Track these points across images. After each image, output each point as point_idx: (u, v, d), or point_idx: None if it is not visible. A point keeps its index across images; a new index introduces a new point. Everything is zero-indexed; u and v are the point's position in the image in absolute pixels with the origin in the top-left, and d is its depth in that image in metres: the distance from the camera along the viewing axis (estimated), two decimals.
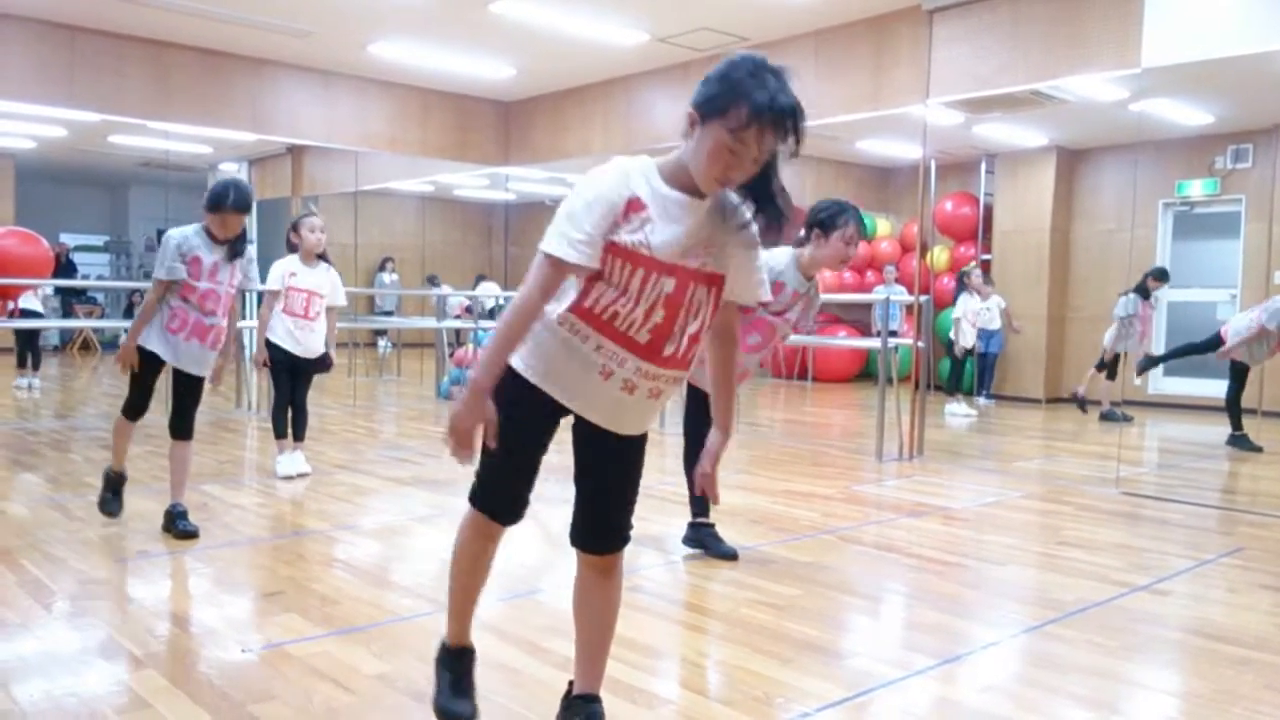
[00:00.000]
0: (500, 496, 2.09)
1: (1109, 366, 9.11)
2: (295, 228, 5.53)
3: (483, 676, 2.56)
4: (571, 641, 2.23)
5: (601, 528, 2.12)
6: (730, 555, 3.85)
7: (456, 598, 2.21)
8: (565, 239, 1.83)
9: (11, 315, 9.94)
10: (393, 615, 3.14)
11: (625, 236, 1.85)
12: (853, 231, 3.68)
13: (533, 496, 2.13)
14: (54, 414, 8.24)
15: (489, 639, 2.04)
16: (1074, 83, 6.61)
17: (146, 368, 4.02)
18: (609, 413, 1.99)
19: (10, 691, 2.47)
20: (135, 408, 4.09)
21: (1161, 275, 9.00)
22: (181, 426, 4.11)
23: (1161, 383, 10.03)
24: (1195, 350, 7.60)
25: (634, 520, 2.20)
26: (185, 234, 3.99)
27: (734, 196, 1.92)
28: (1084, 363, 10.53)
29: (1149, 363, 7.63)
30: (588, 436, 2.04)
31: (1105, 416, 9.10)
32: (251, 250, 4.22)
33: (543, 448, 2.06)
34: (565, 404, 1.98)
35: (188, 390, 4.11)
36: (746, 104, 1.77)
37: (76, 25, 7.51)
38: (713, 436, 2.11)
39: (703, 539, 3.92)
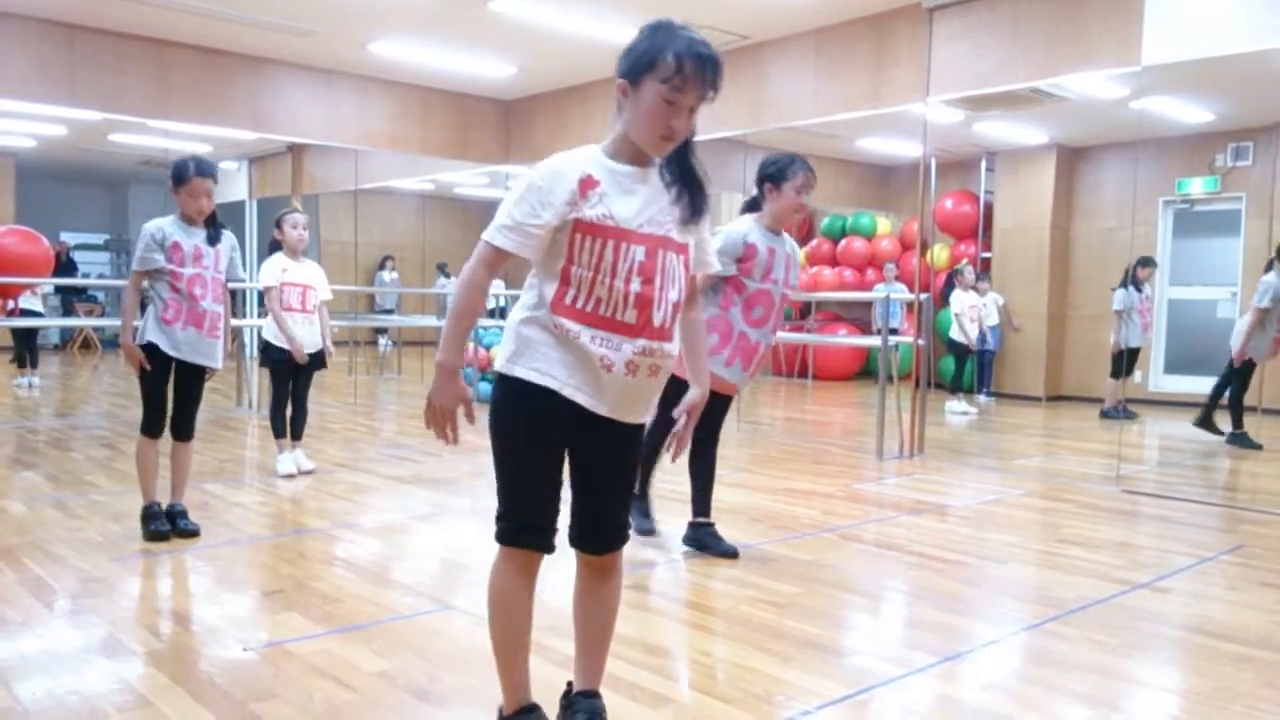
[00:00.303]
0: (531, 522, 2.02)
1: (1114, 364, 9.12)
2: (279, 224, 5.54)
3: (474, 669, 2.56)
4: (571, 640, 2.23)
5: (600, 527, 2.11)
6: (731, 553, 3.85)
7: (506, 653, 2.07)
8: (496, 226, 1.94)
9: (10, 314, 9.94)
10: (393, 613, 3.14)
11: (589, 212, 1.91)
12: (802, 179, 3.71)
13: None
14: (54, 412, 8.24)
15: (481, 635, 2.03)
16: (1074, 80, 6.60)
17: (156, 368, 3.98)
18: (617, 400, 1.98)
19: (12, 689, 2.47)
20: (152, 422, 4.02)
21: (1147, 262, 9.03)
22: (183, 427, 4.10)
23: (1162, 380, 10.04)
24: (1224, 382, 7.49)
25: (633, 516, 2.19)
26: (160, 224, 3.96)
27: (666, 174, 2.02)
28: (1084, 361, 10.54)
29: (1205, 423, 7.53)
30: (584, 436, 2.02)
31: (1106, 414, 9.10)
32: (233, 239, 4.17)
33: (562, 462, 2.04)
34: (577, 399, 1.95)
35: (189, 389, 4.09)
36: (670, 51, 1.89)
37: (77, 24, 7.51)
38: (692, 393, 2.21)
39: (702, 538, 3.92)
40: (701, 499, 3.97)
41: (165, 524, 4.02)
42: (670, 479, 4.85)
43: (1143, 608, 3.35)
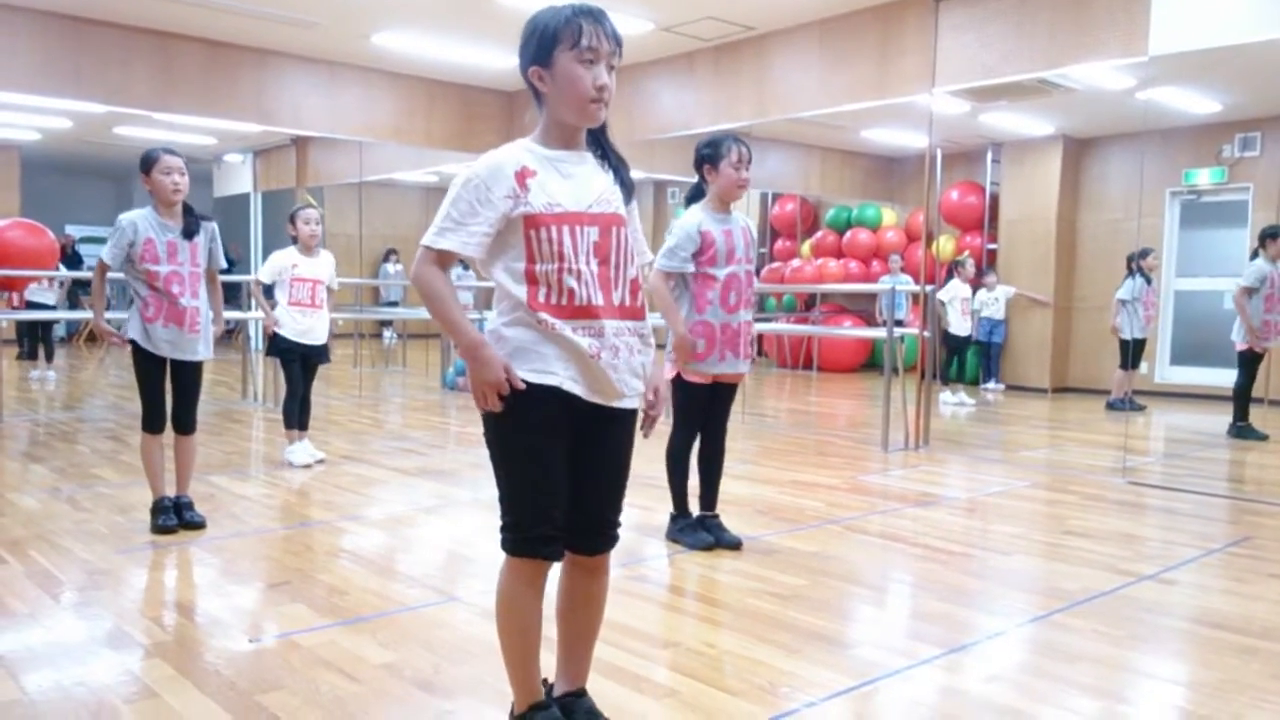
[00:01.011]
0: (538, 533, 1.99)
1: (1123, 354, 9.10)
2: (292, 219, 5.54)
3: (479, 660, 2.57)
4: None
5: (594, 527, 2.08)
6: (735, 545, 3.85)
7: (517, 659, 2.06)
8: (436, 229, 1.94)
9: (15, 308, 9.95)
10: (399, 605, 3.15)
11: (535, 202, 1.92)
12: (737, 155, 3.70)
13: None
14: (61, 405, 8.26)
15: (486, 626, 2.02)
16: (1081, 71, 6.57)
17: (149, 366, 3.98)
18: (609, 383, 1.97)
19: (19, 681, 2.48)
20: (151, 418, 4.02)
21: (1146, 253, 9.01)
22: (184, 421, 4.10)
23: (1168, 371, 10.01)
24: (1242, 384, 7.43)
25: (639, 510, 2.19)
26: (133, 218, 3.90)
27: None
28: (1090, 352, 10.52)
29: (1239, 430, 7.49)
30: (581, 434, 2.01)
31: (1112, 405, 9.08)
32: (213, 227, 4.12)
33: (564, 469, 2.01)
34: (576, 391, 1.95)
35: (184, 383, 4.08)
36: (562, 20, 1.93)
37: (82, 17, 7.50)
38: (653, 372, 2.15)
39: (709, 529, 3.92)
40: (710, 492, 3.96)
41: (173, 519, 4.03)
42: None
43: (1149, 599, 3.35)
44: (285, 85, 8.70)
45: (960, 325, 9.56)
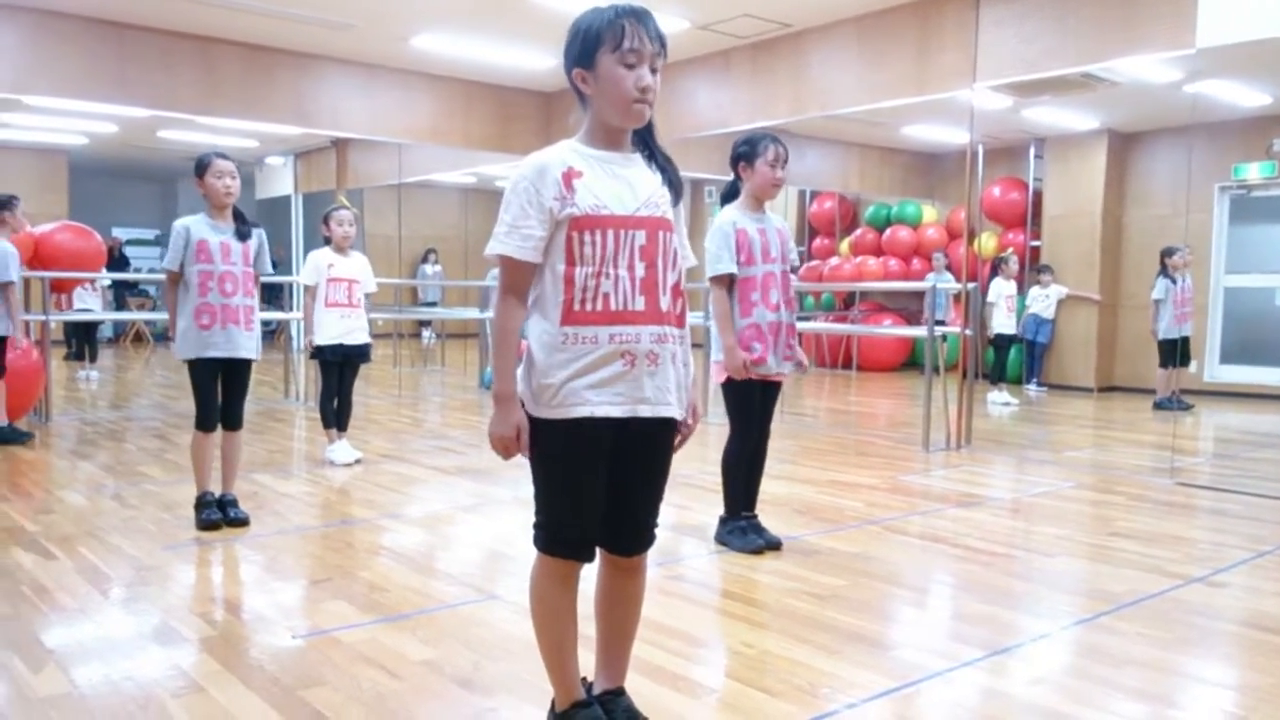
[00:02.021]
0: (571, 535, 2.01)
1: (1162, 354, 8.95)
2: (326, 221, 5.61)
3: (518, 658, 2.57)
4: None
5: (631, 528, 2.08)
6: (775, 545, 3.83)
7: (553, 656, 2.07)
8: (495, 237, 1.94)
9: (63, 310, 10.16)
10: (439, 603, 3.17)
11: (581, 204, 1.91)
12: (774, 154, 3.69)
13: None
14: (109, 404, 8.42)
15: (525, 624, 2.03)
16: (1126, 64, 6.46)
17: (201, 373, 4.05)
18: (647, 394, 1.96)
19: (70, 675, 2.53)
20: (204, 418, 4.09)
21: (1170, 251, 8.88)
22: (232, 417, 4.17)
23: (1218, 370, 9.82)
24: None
25: (676, 509, 2.19)
26: (187, 222, 4.01)
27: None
28: (1137, 351, 10.34)
29: None
30: (620, 444, 1.99)
31: (1160, 405, 8.93)
32: (263, 235, 4.22)
33: (602, 479, 2.01)
34: (612, 414, 1.93)
35: (235, 381, 4.16)
36: (607, 21, 1.91)
37: (127, 23, 7.64)
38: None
39: (749, 530, 3.90)
40: (750, 492, 3.94)
41: (217, 513, 4.10)
42: (713, 469, 4.83)
43: (1197, 602, 3.28)
44: (325, 88, 8.80)
45: (1006, 324, 9.41)
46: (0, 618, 2.96)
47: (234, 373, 4.14)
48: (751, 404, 3.79)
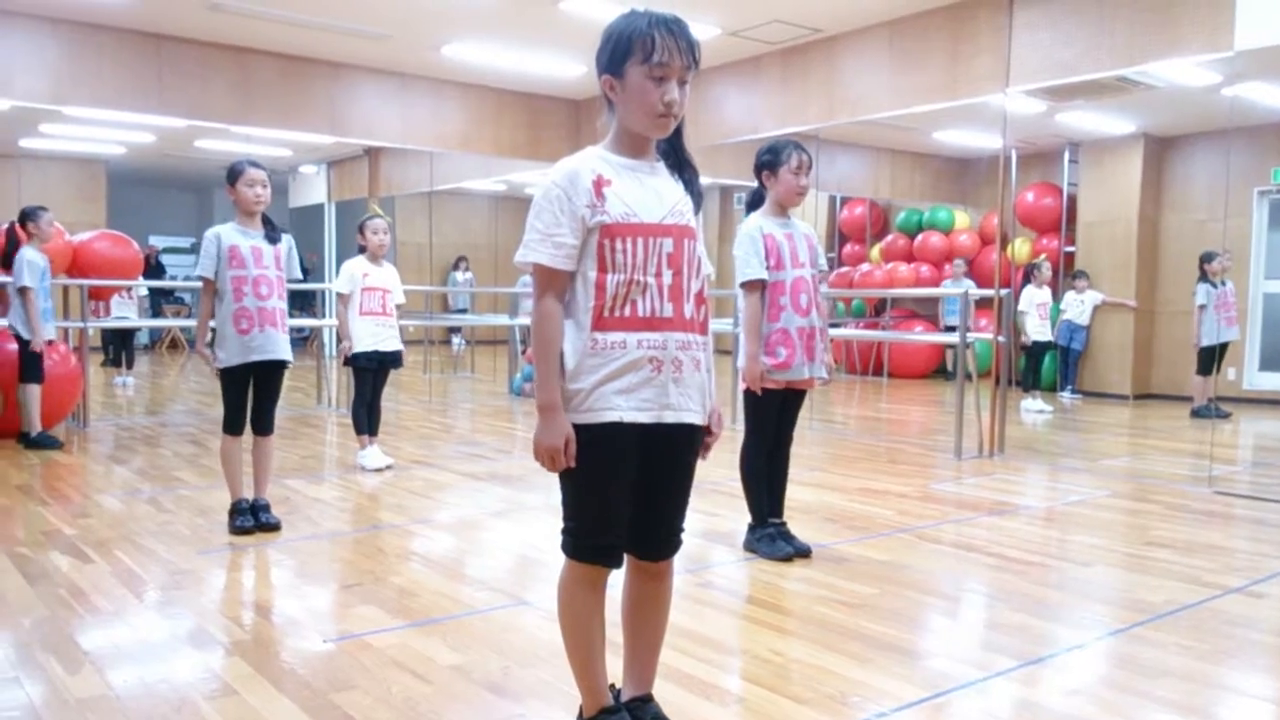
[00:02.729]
0: (600, 541, 2.01)
1: (1200, 360, 8.82)
2: (361, 229, 5.66)
3: (547, 664, 2.57)
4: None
5: (658, 533, 2.08)
6: (804, 552, 3.81)
7: (581, 662, 2.07)
8: (526, 245, 1.94)
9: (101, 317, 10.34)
10: (468, 608, 3.18)
11: (613, 211, 1.91)
12: (797, 161, 3.68)
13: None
14: (145, 410, 8.54)
15: (554, 631, 2.03)
16: (1162, 68, 6.37)
17: (232, 377, 4.10)
18: (672, 400, 1.96)
19: (106, 677, 2.57)
20: (233, 421, 4.14)
21: (1209, 257, 8.74)
22: (263, 423, 4.21)
23: (1257, 377, 9.65)
24: None
25: (705, 516, 2.18)
26: (217, 231, 4.08)
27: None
28: (1174, 358, 10.19)
29: None
30: (646, 451, 1.99)
31: (1197, 413, 8.79)
32: (291, 241, 4.28)
33: (630, 487, 2.01)
34: (640, 420, 1.94)
35: (269, 385, 4.20)
36: (640, 31, 1.89)
37: (164, 34, 7.77)
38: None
39: (777, 537, 3.88)
40: (776, 498, 3.93)
41: (250, 520, 4.14)
42: (732, 475, 4.81)
43: (1236, 613, 3.22)
44: (358, 97, 8.89)
45: (1040, 331, 9.30)
46: (38, 620, 3.01)
47: (268, 377, 4.18)
48: (769, 411, 3.77)
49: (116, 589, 3.33)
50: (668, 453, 2.03)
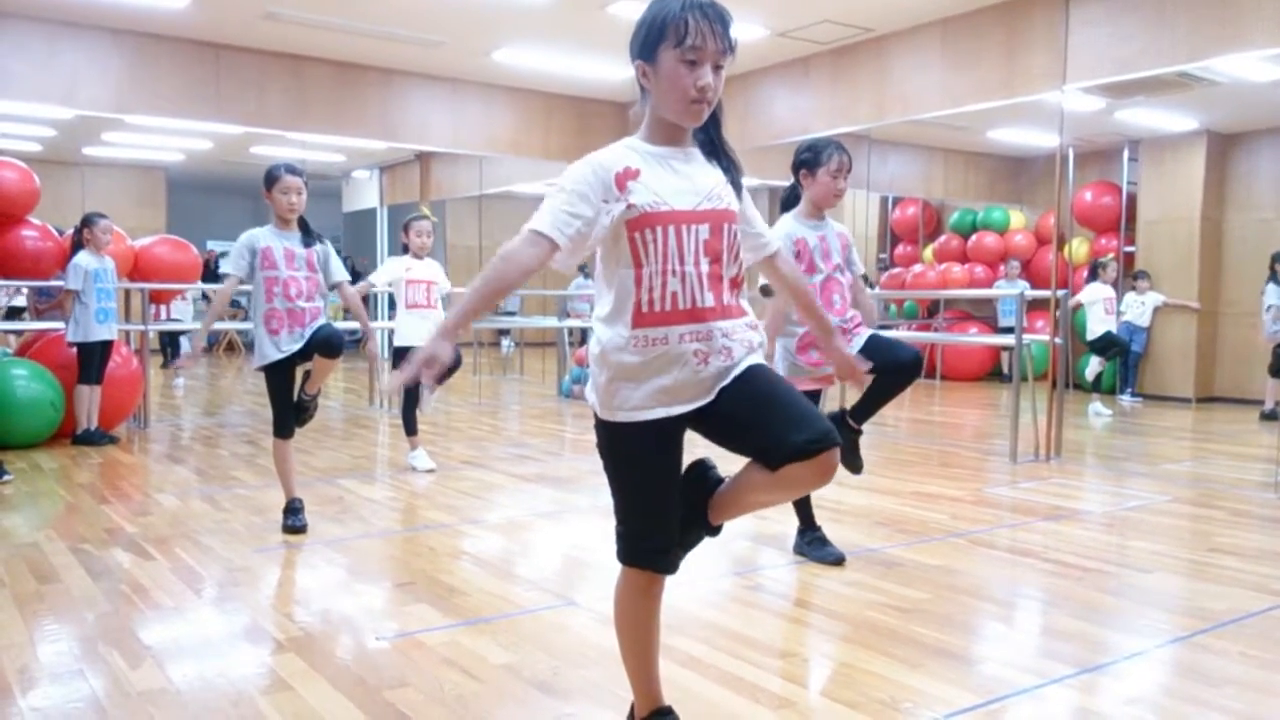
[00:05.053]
0: (651, 544, 1.98)
1: (1275, 361, 8.58)
2: (406, 228, 5.74)
3: (597, 664, 2.57)
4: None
5: (796, 424, 1.84)
6: (838, 560, 3.74)
7: (634, 664, 2.07)
8: (542, 215, 1.86)
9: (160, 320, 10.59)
10: (518, 608, 3.19)
11: (640, 201, 1.85)
12: (837, 163, 3.60)
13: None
14: (203, 411, 8.72)
15: (603, 631, 2.03)
16: (1225, 63, 6.21)
17: (274, 378, 4.15)
18: (714, 384, 1.91)
19: (166, 671, 2.62)
20: (282, 423, 4.20)
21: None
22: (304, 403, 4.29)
23: None
24: None
25: (754, 519, 2.15)
26: (254, 232, 4.12)
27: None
28: (1239, 360, 9.92)
29: None
30: (702, 417, 1.91)
31: (1267, 416, 8.55)
32: (329, 245, 4.31)
33: (678, 481, 1.98)
34: (686, 412, 1.89)
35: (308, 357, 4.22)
36: (674, 14, 1.83)
37: (222, 43, 7.94)
38: (837, 353, 2.34)
39: (827, 541, 3.84)
40: (804, 504, 3.87)
41: (303, 519, 4.20)
42: None
43: None
44: (410, 103, 9.00)
45: (1107, 322, 9.04)
46: (101, 614, 3.08)
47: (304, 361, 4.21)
48: None
49: (176, 585, 3.41)
50: (738, 389, 1.90)
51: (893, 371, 3.67)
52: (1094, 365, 9.09)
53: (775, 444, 1.83)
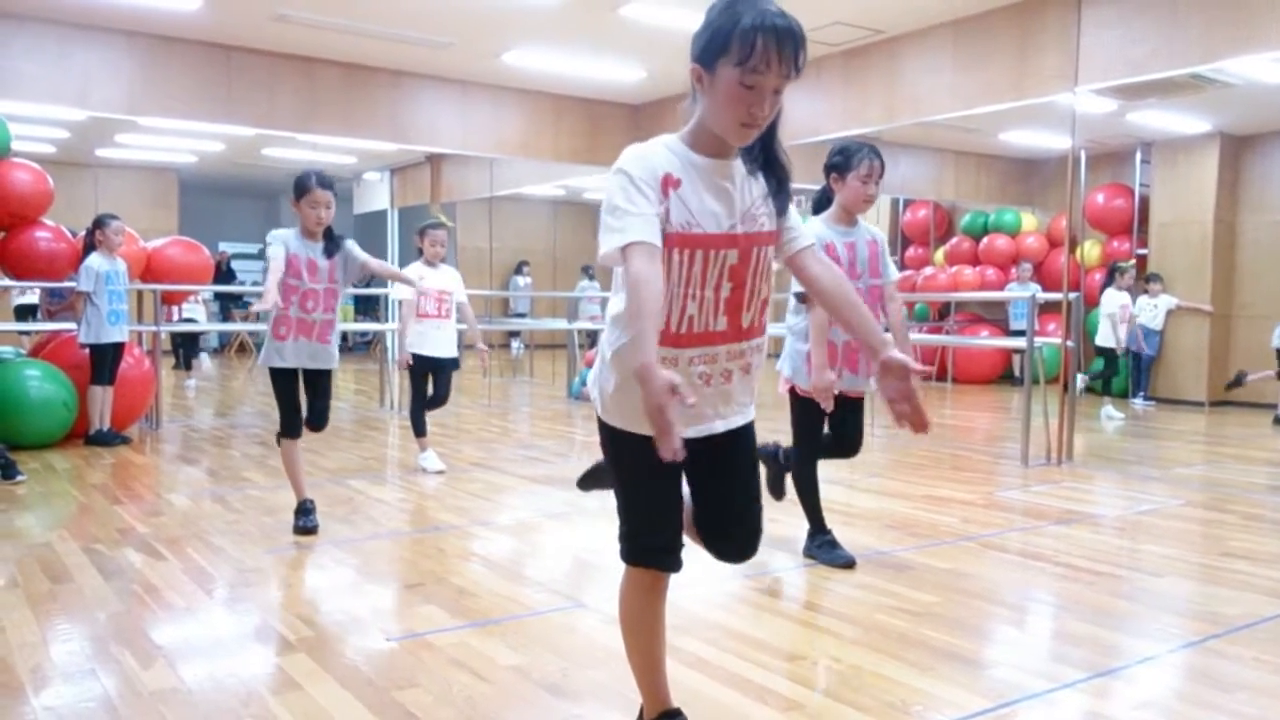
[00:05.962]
0: (654, 542, 1.98)
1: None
2: (421, 235, 5.74)
3: (605, 666, 2.57)
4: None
5: (734, 529, 2.07)
6: (848, 563, 3.74)
7: (640, 664, 2.06)
8: (611, 229, 1.71)
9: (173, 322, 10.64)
10: (527, 610, 3.20)
11: (674, 219, 1.76)
12: (867, 168, 3.56)
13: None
14: (214, 412, 8.76)
15: (612, 633, 2.03)
16: (1238, 64, 6.18)
17: (280, 381, 4.19)
18: (716, 409, 1.93)
19: (178, 671, 2.63)
20: (288, 424, 4.22)
21: None
22: (318, 421, 4.31)
23: None
24: None
25: (765, 521, 2.15)
26: (285, 234, 4.12)
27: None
28: (1252, 364, 9.84)
29: None
30: (698, 457, 1.90)
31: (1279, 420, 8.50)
32: (349, 244, 4.29)
33: (680, 480, 2.00)
34: (686, 434, 1.76)
35: (316, 386, 4.29)
36: (743, 30, 1.67)
37: (233, 45, 7.97)
38: (889, 356, 1.85)
39: (837, 543, 3.83)
40: (815, 507, 3.86)
41: (314, 520, 4.21)
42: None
43: None
44: (420, 105, 9.02)
45: (1109, 340, 8.98)
46: (113, 614, 3.10)
47: (313, 380, 4.28)
48: (814, 417, 3.71)
49: (187, 585, 3.42)
50: (721, 458, 2.00)
51: (834, 445, 3.79)
52: (1090, 376, 9.07)
53: (704, 528, 2.07)
